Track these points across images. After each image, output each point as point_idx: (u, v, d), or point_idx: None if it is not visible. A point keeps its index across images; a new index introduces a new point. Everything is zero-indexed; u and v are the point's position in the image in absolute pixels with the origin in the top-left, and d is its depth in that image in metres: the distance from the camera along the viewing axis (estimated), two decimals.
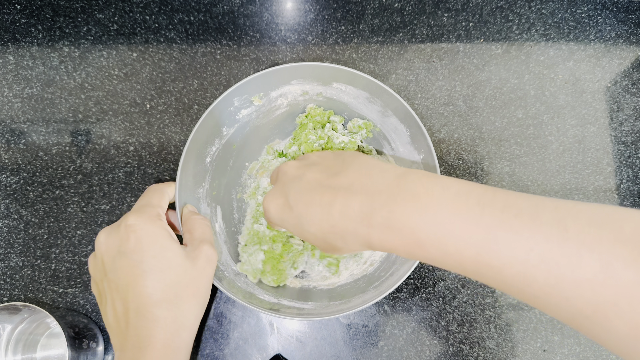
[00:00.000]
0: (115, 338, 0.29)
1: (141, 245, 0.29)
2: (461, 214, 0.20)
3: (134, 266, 0.28)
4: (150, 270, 0.28)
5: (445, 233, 0.21)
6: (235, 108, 0.39)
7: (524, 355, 0.44)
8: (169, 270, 0.29)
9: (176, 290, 0.29)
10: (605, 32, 0.50)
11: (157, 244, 0.29)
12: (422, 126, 0.36)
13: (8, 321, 0.39)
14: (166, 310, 0.28)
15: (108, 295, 0.30)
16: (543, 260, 0.18)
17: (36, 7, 0.48)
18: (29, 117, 0.46)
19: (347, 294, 0.39)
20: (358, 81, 0.38)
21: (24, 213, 0.44)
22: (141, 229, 0.29)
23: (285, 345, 0.43)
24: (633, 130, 0.49)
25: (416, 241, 0.22)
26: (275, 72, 0.37)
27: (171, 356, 0.28)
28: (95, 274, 0.31)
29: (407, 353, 0.43)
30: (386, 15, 0.49)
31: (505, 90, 0.49)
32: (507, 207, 0.20)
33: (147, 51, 0.48)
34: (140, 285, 0.28)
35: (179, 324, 0.28)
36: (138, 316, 0.28)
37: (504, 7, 0.50)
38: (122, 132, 0.46)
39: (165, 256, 0.29)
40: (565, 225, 0.18)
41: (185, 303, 0.29)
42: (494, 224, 0.19)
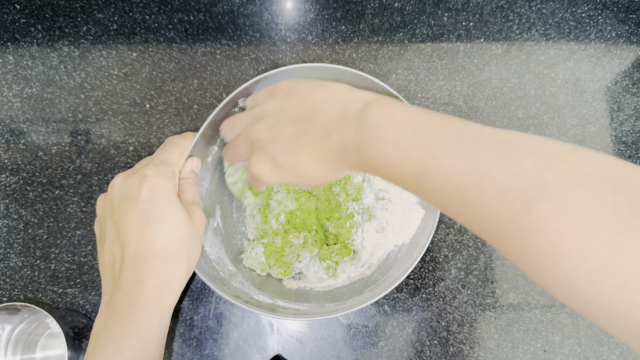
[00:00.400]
0: (107, 279, 0.31)
1: (151, 195, 0.30)
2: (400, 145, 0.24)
3: (139, 213, 0.30)
4: (154, 219, 0.30)
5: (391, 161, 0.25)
6: (239, 109, 0.39)
7: (524, 356, 0.44)
8: (171, 224, 0.30)
9: (174, 243, 0.30)
10: (606, 31, 0.50)
11: (165, 198, 0.31)
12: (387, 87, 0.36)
13: (8, 321, 0.39)
14: (161, 260, 0.29)
15: (108, 236, 0.31)
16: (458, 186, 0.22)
17: (36, 7, 0.48)
18: (28, 117, 0.46)
19: (344, 296, 0.39)
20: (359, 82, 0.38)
21: (24, 213, 0.44)
22: (155, 181, 0.31)
23: (285, 346, 0.43)
24: (633, 130, 0.49)
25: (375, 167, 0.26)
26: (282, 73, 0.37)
27: (158, 303, 0.29)
28: (102, 213, 0.33)
29: (407, 353, 0.43)
30: (386, 15, 0.49)
31: (505, 90, 0.49)
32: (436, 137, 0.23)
33: (146, 51, 0.47)
34: (142, 232, 0.29)
35: (171, 275, 0.30)
36: (133, 261, 0.29)
37: (504, 7, 0.50)
38: (122, 132, 0.46)
39: (170, 210, 0.30)
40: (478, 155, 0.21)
41: (179, 256, 0.30)
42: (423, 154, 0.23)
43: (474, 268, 0.45)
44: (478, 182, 0.21)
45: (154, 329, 0.29)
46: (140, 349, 0.28)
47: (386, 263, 0.41)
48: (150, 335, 0.29)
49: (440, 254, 0.46)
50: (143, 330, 0.28)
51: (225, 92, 0.47)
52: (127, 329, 0.28)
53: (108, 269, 0.31)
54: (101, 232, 0.33)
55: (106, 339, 0.28)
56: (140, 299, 0.28)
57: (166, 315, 0.30)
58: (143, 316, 0.28)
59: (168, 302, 0.30)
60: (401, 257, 0.39)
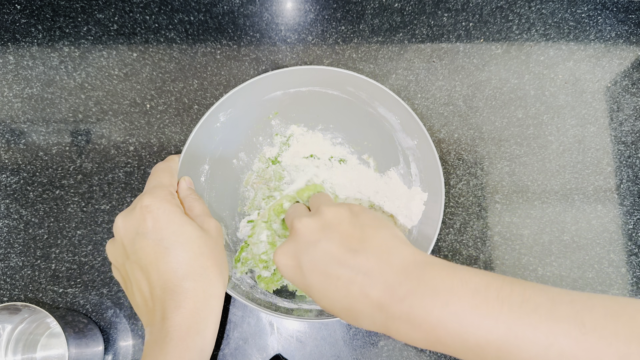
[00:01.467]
0: (144, 316, 0.30)
1: (159, 224, 0.29)
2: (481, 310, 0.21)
3: (154, 245, 0.29)
4: (171, 246, 0.29)
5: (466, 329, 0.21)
6: (221, 123, 0.39)
7: None
8: (190, 244, 0.29)
9: (201, 261, 0.29)
10: (605, 32, 0.50)
11: (174, 221, 0.30)
12: (411, 112, 0.37)
13: (8, 321, 0.39)
14: (194, 282, 0.28)
15: (132, 277, 0.30)
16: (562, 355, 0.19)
17: (36, 7, 0.48)
18: (29, 117, 0.46)
19: None
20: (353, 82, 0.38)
21: (24, 213, 0.44)
22: (157, 208, 0.30)
23: (285, 345, 0.43)
24: (633, 130, 0.49)
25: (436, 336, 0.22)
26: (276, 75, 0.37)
27: (200, 324, 0.28)
28: (116, 259, 0.32)
29: (407, 353, 0.43)
30: (386, 15, 0.49)
31: (505, 90, 0.49)
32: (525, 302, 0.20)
33: (147, 51, 0.48)
34: (164, 262, 0.28)
35: (209, 294, 0.29)
36: (165, 291, 0.28)
37: (504, 7, 0.50)
38: (122, 132, 0.46)
39: (184, 231, 0.29)
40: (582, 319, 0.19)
41: (211, 272, 0.30)
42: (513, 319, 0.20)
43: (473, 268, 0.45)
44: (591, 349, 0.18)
45: (196, 352, 0.28)
46: None
47: None
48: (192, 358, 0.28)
49: (440, 254, 0.46)
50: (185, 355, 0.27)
51: (226, 92, 0.47)
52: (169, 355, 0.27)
53: (142, 306, 0.30)
54: (123, 277, 0.32)
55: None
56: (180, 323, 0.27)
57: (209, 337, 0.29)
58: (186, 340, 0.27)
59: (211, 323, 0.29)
60: None
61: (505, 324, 0.20)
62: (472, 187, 0.47)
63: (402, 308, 0.23)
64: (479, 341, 0.21)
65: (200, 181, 0.39)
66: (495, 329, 0.20)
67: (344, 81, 0.38)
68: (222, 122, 0.38)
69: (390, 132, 0.41)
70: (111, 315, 0.43)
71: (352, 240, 0.27)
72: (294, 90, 0.40)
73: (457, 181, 0.47)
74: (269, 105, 0.41)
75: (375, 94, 0.38)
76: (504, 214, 0.47)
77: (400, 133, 0.40)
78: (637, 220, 0.47)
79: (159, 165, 0.35)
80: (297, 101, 0.42)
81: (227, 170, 0.43)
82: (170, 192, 0.32)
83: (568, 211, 0.47)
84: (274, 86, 0.39)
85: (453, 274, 0.23)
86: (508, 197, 0.47)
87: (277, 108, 0.42)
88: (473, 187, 0.47)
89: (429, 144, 0.37)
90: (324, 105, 0.42)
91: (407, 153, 0.41)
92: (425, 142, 0.37)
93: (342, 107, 0.42)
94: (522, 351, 0.20)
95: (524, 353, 0.20)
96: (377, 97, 0.38)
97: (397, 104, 0.37)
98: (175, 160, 0.35)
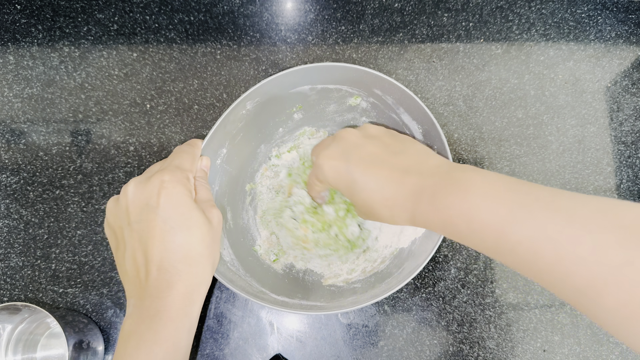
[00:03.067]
0: (131, 286, 0.30)
1: (171, 202, 0.30)
2: (488, 196, 0.24)
3: (162, 221, 0.29)
4: (178, 227, 0.29)
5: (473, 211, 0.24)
6: (247, 111, 0.39)
7: (524, 355, 0.44)
8: (194, 229, 0.30)
9: (199, 248, 0.30)
10: (605, 32, 0.50)
11: (185, 204, 0.30)
12: (435, 121, 0.36)
13: (8, 321, 0.39)
14: (189, 267, 0.29)
15: (128, 244, 0.30)
16: (549, 238, 0.21)
17: (36, 7, 0.48)
18: (29, 117, 0.46)
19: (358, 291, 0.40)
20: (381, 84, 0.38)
21: (24, 213, 0.44)
22: (173, 187, 0.30)
23: (285, 345, 0.43)
24: (633, 130, 0.49)
25: (449, 217, 0.25)
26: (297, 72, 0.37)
27: (188, 307, 0.29)
28: (115, 220, 0.32)
29: (407, 353, 0.43)
30: (386, 15, 0.49)
31: (505, 90, 0.49)
32: (529, 194, 0.23)
33: (147, 51, 0.48)
34: (167, 240, 0.29)
35: (199, 280, 0.30)
36: (160, 270, 0.29)
37: (504, 7, 0.50)
38: (122, 132, 0.46)
39: (192, 216, 0.30)
40: (574, 211, 0.21)
41: (205, 260, 0.31)
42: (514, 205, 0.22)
43: (473, 268, 0.45)
44: (575, 235, 0.20)
45: (184, 333, 0.29)
46: (173, 352, 0.28)
47: (400, 256, 0.41)
48: (181, 339, 0.29)
49: (440, 254, 0.46)
50: (175, 334, 0.28)
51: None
52: (159, 334, 0.28)
53: (131, 276, 0.30)
54: (117, 239, 0.32)
55: (138, 341, 0.28)
56: (171, 304, 0.28)
57: (194, 318, 0.30)
58: (175, 321, 0.28)
59: (197, 306, 0.30)
60: (415, 250, 0.39)
61: (506, 208, 0.22)
62: None
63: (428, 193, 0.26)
64: (482, 223, 0.23)
65: (215, 163, 0.39)
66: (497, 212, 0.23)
67: (372, 83, 0.38)
68: (248, 110, 0.39)
69: None
70: (111, 315, 0.43)
71: (394, 147, 0.31)
72: (322, 87, 0.40)
73: None
74: (295, 99, 0.41)
75: (403, 100, 0.38)
76: None
77: None
78: None
79: (182, 147, 0.35)
80: (322, 97, 0.42)
81: (243, 156, 0.43)
82: (188, 177, 0.32)
83: None
84: (303, 80, 0.39)
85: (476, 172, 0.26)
86: None
87: (302, 102, 0.42)
88: None
89: (448, 156, 0.37)
90: None
91: None
92: (443, 151, 0.37)
93: (365, 110, 0.42)
94: (516, 233, 0.22)
95: (517, 235, 0.22)
96: (403, 103, 0.38)
97: (422, 113, 0.36)
98: (198, 146, 0.36)
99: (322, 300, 0.39)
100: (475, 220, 0.24)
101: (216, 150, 0.39)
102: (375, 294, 0.36)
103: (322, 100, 0.42)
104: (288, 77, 0.37)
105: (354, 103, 0.42)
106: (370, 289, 0.39)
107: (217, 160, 0.39)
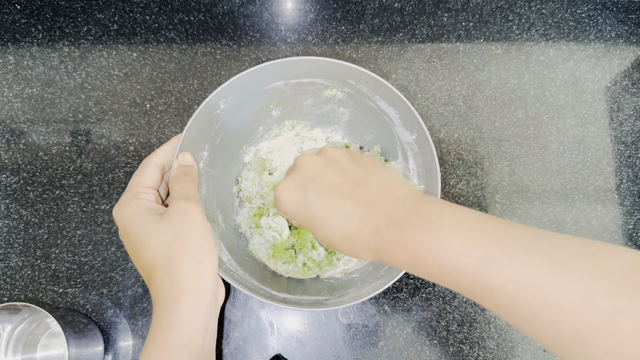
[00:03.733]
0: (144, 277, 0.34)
1: (125, 228, 0.32)
2: (462, 237, 0.22)
3: (128, 246, 0.33)
4: (135, 245, 0.32)
5: (447, 252, 0.22)
6: (221, 110, 0.39)
7: (523, 355, 0.44)
8: (147, 240, 0.31)
9: (159, 251, 0.31)
10: (605, 32, 0.50)
11: (133, 223, 0.32)
12: (410, 106, 0.36)
13: (8, 321, 0.39)
14: (158, 271, 0.31)
15: (129, 253, 0.34)
16: (532, 284, 0.20)
17: (36, 7, 0.48)
18: (29, 117, 0.46)
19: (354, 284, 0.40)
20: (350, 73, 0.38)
21: (24, 213, 0.44)
22: (119, 215, 0.33)
23: (285, 345, 0.43)
24: (633, 130, 0.49)
25: (420, 258, 0.24)
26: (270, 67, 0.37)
27: (171, 304, 0.30)
28: None
29: (407, 353, 0.43)
30: (386, 15, 0.49)
31: (505, 90, 0.49)
32: (506, 234, 0.21)
33: (147, 51, 0.48)
34: (136, 260, 0.32)
35: (174, 277, 0.30)
36: (149, 282, 0.32)
37: (504, 7, 0.50)
38: (122, 132, 0.46)
39: (141, 228, 0.32)
40: (556, 254, 0.20)
41: (174, 258, 0.31)
42: (491, 247, 0.21)
43: None
44: (559, 281, 0.19)
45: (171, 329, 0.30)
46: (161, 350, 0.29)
47: None
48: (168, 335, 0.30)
49: None
50: (160, 332, 0.30)
51: None
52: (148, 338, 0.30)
53: (141, 272, 0.33)
54: None
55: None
56: (155, 307, 0.31)
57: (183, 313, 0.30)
58: (159, 320, 0.30)
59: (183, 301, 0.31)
60: None
61: (483, 250, 0.21)
62: (472, 187, 0.47)
63: (394, 232, 0.25)
64: (457, 265, 0.22)
65: (198, 167, 0.39)
66: (473, 254, 0.21)
67: (345, 74, 0.38)
68: (222, 110, 0.38)
69: (390, 126, 0.41)
70: (111, 315, 0.43)
71: (355, 176, 0.29)
72: (295, 82, 0.40)
73: (457, 181, 0.47)
74: (270, 95, 0.41)
75: (376, 88, 0.38)
76: (504, 214, 0.47)
77: (400, 128, 0.40)
78: (637, 220, 0.47)
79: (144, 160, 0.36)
80: (298, 92, 0.42)
81: (226, 158, 0.43)
82: (134, 193, 0.33)
83: (568, 211, 0.47)
84: (276, 76, 0.39)
85: (445, 206, 0.25)
86: (508, 197, 0.47)
87: (278, 98, 0.42)
88: (473, 187, 0.47)
89: (427, 139, 0.37)
90: None
91: (406, 148, 0.41)
92: (424, 137, 0.37)
93: (342, 100, 0.42)
94: (494, 277, 0.21)
95: (496, 278, 0.21)
96: (377, 90, 0.38)
97: (397, 98, 0.37)
98: (170, 142, 0.36)
99: (322, 294, 0.39)
100: (449, 262, 0.22)
101: (197, 154, 0.38)
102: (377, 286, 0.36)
103: (298, 94, 0.42)
104: (258, 72, 0.37)
105: (330, 95, 0.42)
106: (367, 276, 0.39)
107: (200, 163, 0.39)
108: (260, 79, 0.38)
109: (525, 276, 0.20)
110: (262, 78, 0.38)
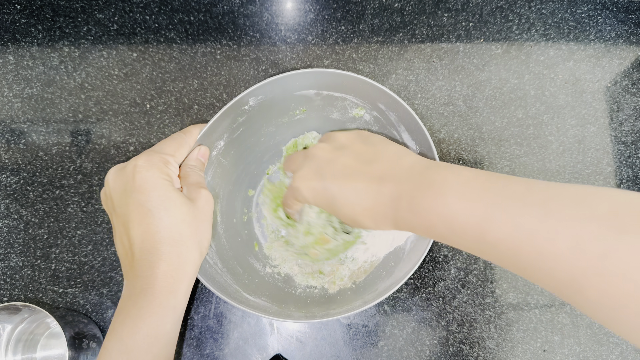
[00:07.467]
0: (124, 266, 0.32)
1: (146, 185, 0.30)
2: (466, 197, 0.24)
3: (139, 205, 0.30)
4: (155, 208, 0.30)
5: (452, 213, 0.24)
6: (249, 107, 0.39)
7: (524, 355, 0.44)
8: (173, 209, 0.30)
9: (180, 228, 0.30)
10: (605, 32, 0.50)
11: (161, 186, 0.31)
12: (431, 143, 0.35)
13: (8, 321, 0.39)
14: (170, 247, 0.30)
15: (116, 228, 0.32)
16: (528, 236, 0.21)
17: (36, 7, 0.48)
18: (29, 117, 0.46)
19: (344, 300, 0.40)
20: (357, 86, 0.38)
21: (24, 213, 0.44)
22: (147, 170, 0.31)
23: (285, 345, 0.43)
24: (633, 130, 0.49)
25: (430, 222, 0.25)
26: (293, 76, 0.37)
27: (173, 285, 0.30)
28: (106, 208, 0.34)
29: (407, 353, 0.43)
30: (386, 15, 0.49)
31: (505, 90, 0.49)
32: (504, 189, 0.23)
33: (147, 51, 0.48)
34: (146, 223, 0.29)
35: (183, 259, 0.30)
36: (142, 251, 0.29)
37: (504, 7, 0.50)
38: (122, 132, 0.46)
39: (169, 197, 0.30)
40: (550, 204, 0.21)
41: (189, 240, 0.31)
42: (491, 204, 0.23)
43: (473, 268, 0.45)
44: (551, 230, 0.20)
45: (169, 310, 0.30)
46: (156, 327, 0.29)
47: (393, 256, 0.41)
48: (166, 315, 0.29)
49: (440, 254, 0.46)
50: (159, 310, 0.29)
51: (226, 92, 0.47)
52: (143, 309, 0.29)
53: (122, 258, 0.32)
54: (112, 224, 0.34)
55: (124, 317, 0.29)
56: (154, 282, 0.29)
57: (181, 297, 0.31)
58: (159, 297, 0.29)
59: (184, 285, 0.31)
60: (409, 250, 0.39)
61: (484, 207, 0.23)
62: None
63: (406, 199, 0.27)
64: (461, 223, 0.24)
65: (211, 154, 0.39)
66: (475, 211, 0.23)
67: (377, 97, 0.38)
68: (250, 106, 0.38)
69: None
70: (111, 315, 0.43)
71: (366, 155, 0.31)
72: (327, 93, 0.40)
73: None
74: (299, 101, 0.41)
75: (404, 118, 0.37)
76: None
77: None
78: None
79: (175, 134, 0.35)
80: (327, 104, 0.41)
81: (240, 150, 0.43)
82: (164, 160, 0.32)
83: None
84: (310, 84, 0.38)
85: (449, 170, 0.26)
86: None
87: (306, 105, 0.42)
88: None
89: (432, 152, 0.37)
90: None
91: None
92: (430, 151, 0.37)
93: (368, 123, 0.42)
94: (495, 232, 0.22)
95: (496, 234, 0.22)
96: (404, 121, 0.38)
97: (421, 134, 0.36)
98: (192, 133, 0.36)
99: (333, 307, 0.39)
100: (454, 222, 0.24)
101: (213, 142, 0.38)
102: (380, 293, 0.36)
103: (327, 106, 0.42)
104: (295, 78, 0.37)
105: (357, 114, 0.41)
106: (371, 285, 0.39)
107: (214, 151, 0.39)
108: (295, 83, 0.38)
109: (521, 229, 0.21)
110: (296, 83, 0.38)
